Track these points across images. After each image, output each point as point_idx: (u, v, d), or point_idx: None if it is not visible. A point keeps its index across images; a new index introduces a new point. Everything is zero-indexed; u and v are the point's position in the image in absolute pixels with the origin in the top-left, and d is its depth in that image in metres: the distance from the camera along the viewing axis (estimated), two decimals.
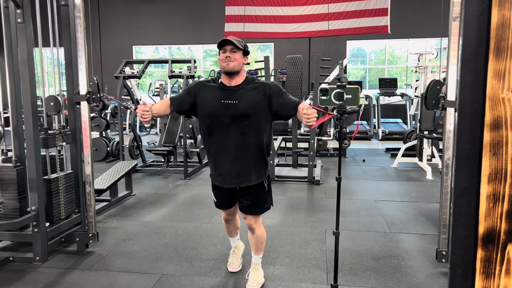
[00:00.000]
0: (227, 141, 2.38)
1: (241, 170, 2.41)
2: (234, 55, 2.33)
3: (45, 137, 3.19)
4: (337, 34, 9.73)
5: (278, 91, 2.39)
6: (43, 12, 3.23)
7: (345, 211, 4.29)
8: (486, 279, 1.03)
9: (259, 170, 2.46)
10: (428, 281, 2.78)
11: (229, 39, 2.32)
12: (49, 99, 3.28)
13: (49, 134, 3.24)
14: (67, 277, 2.86)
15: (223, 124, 2.35)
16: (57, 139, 3.31)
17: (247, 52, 2.41)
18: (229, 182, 2.45)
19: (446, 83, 2.82)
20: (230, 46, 2.32)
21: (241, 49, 2.35)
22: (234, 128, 2.35)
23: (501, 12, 0.96)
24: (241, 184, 2.44)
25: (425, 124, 6.20)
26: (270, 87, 2.40)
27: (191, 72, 6.56)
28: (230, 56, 2.32)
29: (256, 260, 2.75)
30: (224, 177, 2.45)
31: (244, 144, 2.38)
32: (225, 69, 2.34)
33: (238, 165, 2.41)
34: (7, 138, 3.30)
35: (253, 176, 2.44)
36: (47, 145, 3.21)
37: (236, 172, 2.41)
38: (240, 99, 2.34)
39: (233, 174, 2.42)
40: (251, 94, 2.36)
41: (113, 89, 9.66)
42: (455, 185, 1.07)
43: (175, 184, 5.69)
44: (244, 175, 2.42)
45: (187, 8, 13.33)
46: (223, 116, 2.34)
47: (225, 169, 2.43)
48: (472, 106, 1.03)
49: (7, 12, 3.02)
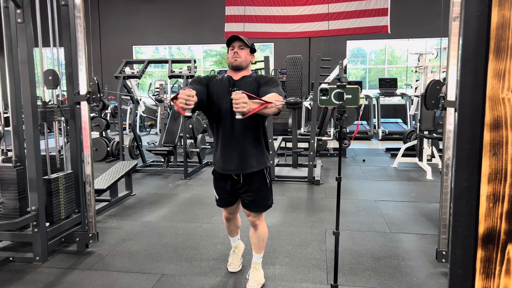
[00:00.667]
0: (231, 129, 2.46)
1: (243, 157, 2.48)
2: (242, 52, 2.47)
3: (43, 111, 3.14)
4: (337, 34, 9.74)
5: (268, 81, 2.46)
6: (43, 12, 3.22)
7: (345, 211, 4.29)
8: (486, 279, 1.03)
9: (259, 157, 2.52)
10: (428, 281, 2.78)
11: (238, 35, 2.46)
12: (47, 73, 3.22)
13: (48, 108, 3.19)
14: (67, 277, 2.86)
15: (228, 112, 2.41)
16: (55, 113, 3.27)
17: (254, 50, 2.56)
18: (232, 168, 2.51)
19: (446, 83, 2.82)
20: (239, 42, 2.46)
21: (249, 47, 2.50)
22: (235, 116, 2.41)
23: (501, 12, 0.96)
24: (243, 170, 2.49)
25: (425, 124, 6.20)
26: (263, 77, 2.51)
27: (191, 72, 6.56)
28: (238, 52, 2.46)
29: (256, 259, 2.75)
30: (228, 163, 2.51)
31: (245, 132, 2.46)
32: (233, 64, 2.48)
33: (240, 152, 2.47)
34: (7, 138, 3.30)
35: (254, 162, 2.50)
36: (45, 118, 3.16)
37: (239, 158, 2.48)
38: (239, 87, 2.43)
39: (236, 161, 2.49)
40: (248, 85, 2.46)
41: (113, 89, 9.66)
42: (455, 185, 1.07)
43: (175, 184, 5.69)
44: (246, 162, 2.48)
45: (187, 8, 13.33)
46: (227, 104, 2.39)
47: (229, 155, 2.50)
48: (472, 106, 1.03)
49: (7, 12, 3.02)
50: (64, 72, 3.40)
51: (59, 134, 3.45)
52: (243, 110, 2.03)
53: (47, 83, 3.22)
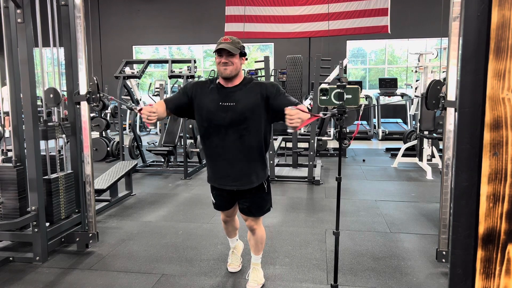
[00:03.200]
0: (225, 144, 2.35)
1: (240, 173, 2.39)
2: (231, 59, 2.28)
3: (44, 129, 3.16)
4: (337, 34, 9.74)
5: (275, 91, 2.33)
6: (43, 12, 3.22)
7: (345, 211, 4.29)
8: (486, 279, 1.03)
9: (258, 172, 2.43)
10: (428, 281, 2.78)
11: (224, 46, 2.24)
12: (48, 91, 3.24)
13: (49, 126, 3.21)
14: (67, 277, 2.86)
15: (221, 127, 2.33)
16: (56, 131, 3.28)
17: (244, 53, 2.36)
18: (229, 184, 2.43)
19: (446, 83, 2.82)
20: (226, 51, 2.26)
21: (238, 51, 2.30)
22: (232, 131, 2.32)
23: (501, 12, 0.96)
24: (241, 187, 2.42)
25: (425, 124, 6.20)
26: (267, 88, 2.34)
27: (191, 72, 6.56)
28: (227, 61, 2.27)
29: (255, 260, 2.75)
30: (223, 180, 2.43)
31: (243, 147, 2.35)
32: (223, 75, 2.32)
33: (237, 168, 2.38)
34: (7, 138, 3.30)
35: (253, 178, 2.42)
36: (47, 137, 3.18)
37: (235, 175, 2.39)
38: (238, 101, 2.31)
39: (233, 177, 2.40)
40: (249, 96, 2.32)
41: (113, 89, 9.66)
42: (455, 185, 1.07)
43: (175, 184, 5.69)
44: (244, 178, 2.40)
45: (187, 8, 13.33)
46: (221, 119, 2.31)
47: (224, 172, 2.41)
48: (472, 106, 1.03)
49: (7, 12, 3.02)
50: (64, 72, 3.40)
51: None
52: (297, 125, 2.03)
53: (48, 101, 3.24)
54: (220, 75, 2.34)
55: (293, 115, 2.01)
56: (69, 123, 3.39)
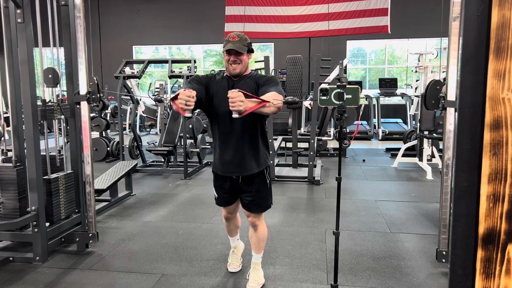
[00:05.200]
0: (230, 130, 2.45)
1: (243, 159, 2.47)
2: (240, 57, 2.39)
3: (43, 109, 3.13)
4: (337, 34, 9.74)
5: (267, 80, 2.42)
6: (43, 12, 3.22)
7: (345, 211, 4.29)
8: (486, 279, 1.03)
9: (259, 158, 2.52)
10: (428, 281, 2.78)
11: (233, 47, 2.34)
12: (47, 71, 3.21)
13: (48, 106, 3.19)
14: (67, 277, 2.86)
15: (227, 113, 2.38)
16: (55, 111, 3.26)
17: (251, 50, 2.47)
18: (232, 170, 2.51)
19: (446, 83, 2.82)
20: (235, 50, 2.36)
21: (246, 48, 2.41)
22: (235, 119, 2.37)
23: (501, 12, 0.96)
24: (243, 172, 2.49)
25: (425, 124, 6.20)
26: (262, 77, 2.46)
27: (191, 72, 6.56)
28: (235, 59, 2.39)
29: (256, 259, 2.75)
30: (226, 166, 2.51)
31: (244, 133, 2.44)
32: (232, 74, 2.43)
33: (239, 154, 2.47)
34: (6, 138, 3.30)
35: (254, 164, 2.50)
36: (45, 117, 3.15)
37: (238, 160, 2.47)
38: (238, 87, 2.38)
39: (235, 163, 2.48)
40: (249, 85, 2.43)
41: (113, 89, 9.66)
42: (455, 185, 1.07)
43: (175, 184, 5.69)
44: (246, 164, 2.48)
45: (187, 8, 13.33)
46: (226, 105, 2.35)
47: (228, 157, 2.49)
48: (472, 106, 1.03)
49: (7, 12, 3.02)
50: (64, 72, 3.40)
51: (59, 134, 3.45)
52: (240, 108, 2.03)
53: (47, 81, 3.21)
54: (229, 73, 2.46)
55: (234, 98, 2.02)
56: (68, 104, 3.35)
